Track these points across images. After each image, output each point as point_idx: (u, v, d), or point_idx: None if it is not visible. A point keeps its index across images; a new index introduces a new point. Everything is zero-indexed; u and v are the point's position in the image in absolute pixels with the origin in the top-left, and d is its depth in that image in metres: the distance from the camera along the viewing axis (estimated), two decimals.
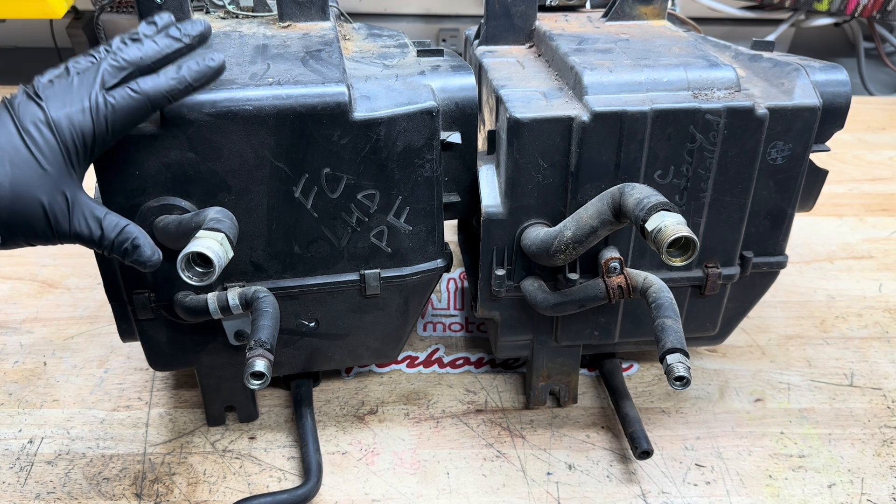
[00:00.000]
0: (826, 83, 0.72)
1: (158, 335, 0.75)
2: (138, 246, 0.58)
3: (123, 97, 0.57)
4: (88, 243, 0.58)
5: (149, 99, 0.58)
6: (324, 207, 0.69)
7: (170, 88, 0.58)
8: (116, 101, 0.57)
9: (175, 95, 0.59)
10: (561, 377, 0.86)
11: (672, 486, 0.79)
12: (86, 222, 0.57)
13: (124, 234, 0.58)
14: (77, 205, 0.57)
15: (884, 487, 0.79)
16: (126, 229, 0.58)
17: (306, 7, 0.80)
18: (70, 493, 0.78)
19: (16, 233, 0.55)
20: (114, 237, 0.58)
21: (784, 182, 0.74)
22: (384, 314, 0.78)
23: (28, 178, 0.54)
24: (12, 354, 0.96)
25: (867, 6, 1.71)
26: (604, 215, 0.65)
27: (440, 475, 0.81)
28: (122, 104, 0.57)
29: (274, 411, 0.88)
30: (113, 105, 0.56)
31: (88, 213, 0.57)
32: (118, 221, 0.58)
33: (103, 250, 0.59)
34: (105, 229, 0.57)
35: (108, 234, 0.58)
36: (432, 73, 0.72)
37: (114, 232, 0.58)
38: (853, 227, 1.25)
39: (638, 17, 0.86)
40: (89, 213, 0.57)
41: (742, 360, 0.96)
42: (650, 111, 0.67)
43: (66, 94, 0.56)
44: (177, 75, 0.59)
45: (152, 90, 0.58)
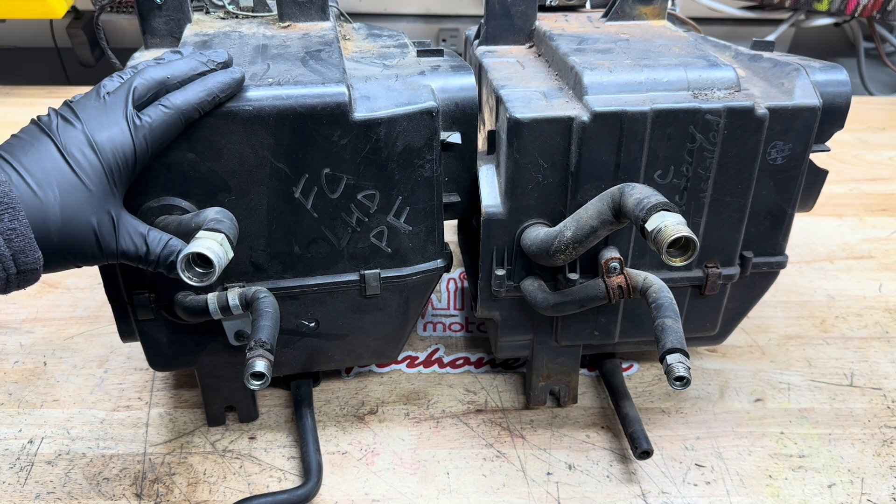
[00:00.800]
0: (826, 83, 0.72)
1: (158, 335, 0.75)
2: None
3: (158, 115, 0.58)
4: (135, 260, 0.59)
5: (181, 113, 0.59)
6: (324, 208, 0.69)
7: (199, 101, 0.60)
8: (152, 119, 0.58)
9: (205, 108, 0.60)
10: (561, 377, 0.86)
11: (672, 486, 0.79)
12: (132, 240, 0.58)
13: (168, 247, 0.59)
14: (122, 223, 0.58)
15: (884, 487, 0.80)
16: (170, 243, 0.59)
17: (306, 7, 0.80)
18: (70, 493, 0.78)
19: (65, 256, 0.56)
20: (159, 252, 0.59)
21: (784, 182, 0.74)
22: (384, 314, 0.78)
23: (77, 200, 0.55)
24: (12, 354, 0.96)
25: (867, 6, 1.71)
26: (604, 215, 0.65)
27: (440, 475, 0.81)
28: (157, 122, 0.58)
29: (274, 411, 0.88)
30: (150, 123, 0.58)
31: (133, 230, 0.58)
32: (161, 236, 0.59)
33: (149, 266, 0.59)
34: (150, 245, 0.59)
35: (154, 249, 0.59)
36: (432, 73, 0.72)
37: (159, 247, 0.59)
38: (853, 227, 1.25)
39: (638, 17, 0.86)
40: (133, 230, 0.58)
41: (742, 360, 0.97)
42: (650, 111, 0.67)
43: (101, 116, 0.57)
44: (204, 87, 0.60)
45: (183, 104, 0.59)
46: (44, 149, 0.55)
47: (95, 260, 0.58)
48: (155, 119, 0.58)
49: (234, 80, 0.62)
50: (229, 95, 0.62)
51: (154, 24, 0.76)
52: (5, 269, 0.53)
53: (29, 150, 0.55)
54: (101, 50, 1.77)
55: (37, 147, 0.55)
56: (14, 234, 0.52)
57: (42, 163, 0.55)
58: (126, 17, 1.77)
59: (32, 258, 0.54)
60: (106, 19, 1.79)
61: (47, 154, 0.55)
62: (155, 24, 0.76)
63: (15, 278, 0.54)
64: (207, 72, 0.62)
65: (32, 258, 0.54)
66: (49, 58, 1.84)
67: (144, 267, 0.60)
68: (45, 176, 0.54)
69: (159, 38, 0.77)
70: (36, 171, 0.54)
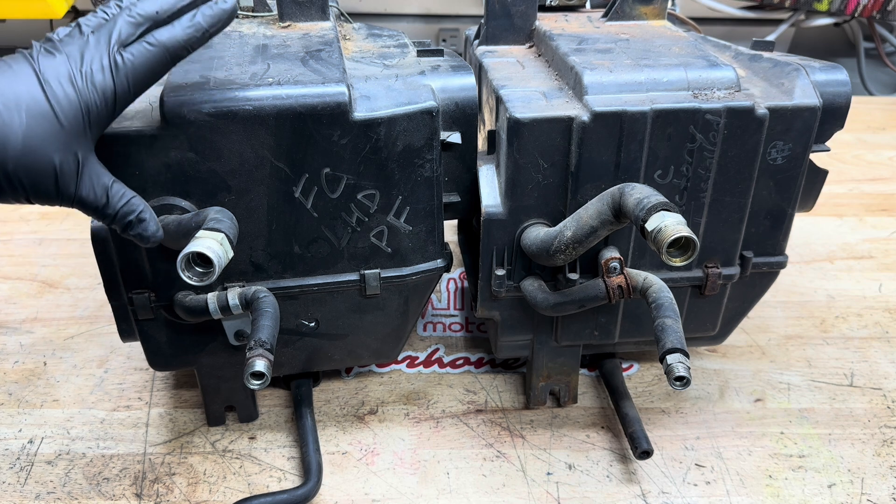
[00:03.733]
0: (826, 83, 0.72)
1: (158, 335, 0.75)
2: (143, 220, 0.57)
3: (142, 52, 0.55)
4: (91, 211, 0.56)
5: (167, 51, 0.56)
6: (324, 207, 0.69)
7: (187, 38, 0.56)
8: (135, 57, 0.55)
9: (193, 44, 0.57)
10: (561, 377, 0.86)
11: (672, 486, 0.79)
12: (93, 188, 0.55)
13: (130, 205, 0.56)
14: (87, 168, 0.54)
15: (884, 487, 0.79)
16: (132, 201, 0.56)
17: (306, 7, 0.80)
18: (70, 493, 0.78)
19: (18, 189, 0.52)
20: (118, 207, 0.56)
21: (784, 182, 0.74)
22: (384, 314, 0.78)
23: (44, 132, 0.51)
24: (12, 354, 0.96)
25: (867, 6, 1.71)
26: (604, 215, 0.65)
27: (440, 475, 0.81)
28: (141, 60, 0.55)
29: (274, 411, 0.88)
30: (132, 62, 0.54)
31: (97, 179, 0.55)
32: (125, 192, 0.56)
33: (105, 220, 0.57)
34: (111, 198, 0.55)
35: (114, 203, 0.56)
36: (432, 73, 0.72)
37: (119, 202, 0.56)
38: (853, 227, 1.25)
39: (638, 17, 0.86)
40: (98, 179, 0.55)
41: (742, 360, 0.96)
42: (650, 111, 0.67)
43: (84, 52, 0.54)
44: (192, 23, 0.57)
45: (169, 41, 0.56)
46: (22, 72, 0.52)
47: (50, 200, 0.54)
48: (138, 57, 0.55)
49: (223, 11, 0.58)
50: (220, 28, 0.58)
51: None
52: None
53: (6, 72, 0.52)
54: None
55: (15, 70, 0.52)
56: None
57: (16, 86, 0.51)
58: None
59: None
60: None
61: (24, 78, 0.52)
62: None
63: None
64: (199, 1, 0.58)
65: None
66: None
67: (101, 220, 0.57)
68: (15, 98, 0.51)
69: None
70: (7, 91, 0.51)
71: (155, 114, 0.64)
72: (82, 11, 1.76)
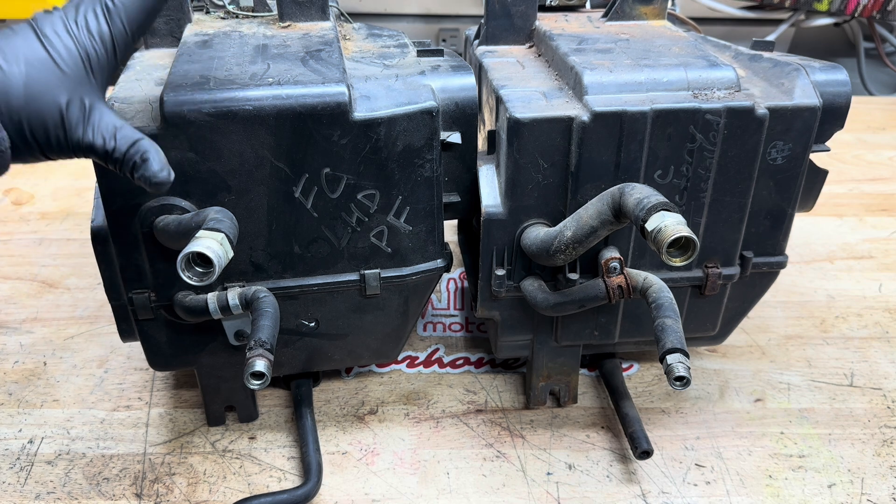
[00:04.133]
0: (826, 83, 0.72)
1: (158, 335, 0.75)
2: (147, 160, 0.55)
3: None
4: (101, 156, 0.55)
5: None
6: (324, 207, 0.69)
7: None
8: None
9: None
10: (561, 377, 0.86)
11: (672, 486, 0.79)
12: (101, 132, 0.54)
13: (136, 146, 0.55)
14: (95, 112, 0.54)
15: (884, 487, 0.79)
16: (140, 143, 0.55)
17: (306, 7, 0.80)
18: (70, 493, 0.78)
19: (28, 140, 0.52)
20: (125, 149, 0.55)
21: (784, 182, 0.74)
22: (384, 314, 0.78)
23: (45, 78, 0.52)
24: (12, 354, 0.96)
25: (867, 6, 1.72)
26: (604, 215, 0.65)
27: (440, 475, 0.81)
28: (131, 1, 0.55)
29: (274, 411, 0.88)
30: (123, 3, 0.55)
31: (107, 122, 0.54)
32: (133, 134, 0.56)
33: (114, 164, 0.56)
34: (118, 141, 0.55)
35: (121, 145, 0.54)
36: (432, 73, 0.72)
37: (126, 144, 0.55)
38: (853, 227, 1.25)
39: (638, 17, 0.86)
40: (107, 123, 0.54)
41: (742, 360, 0.96)
42: (650, 111, 0.67)
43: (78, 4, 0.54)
44: None
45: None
46: (21, 31, 0.53)
47: (60, 149, 0.54)
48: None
49: None
50: None
51: (154, 24, 0.76)
52: None
53: (6, 33, 0.53)
54: None
55: (15, 30, 0.53)
56: None
57: (13, 41, 0.52)
58: None
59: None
60: None
61: (22, 35, 0.53)
62: (155, 24, 0.76)
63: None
64: None
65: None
66: None
67: (109, 165, 0.56)
68: (12, 51, 0.51)
69: (159, 37, 0.77)
70: (5, 47, 0.51)
71: (155, 114, 0.64)
72: None
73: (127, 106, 0.65)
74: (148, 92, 0.67)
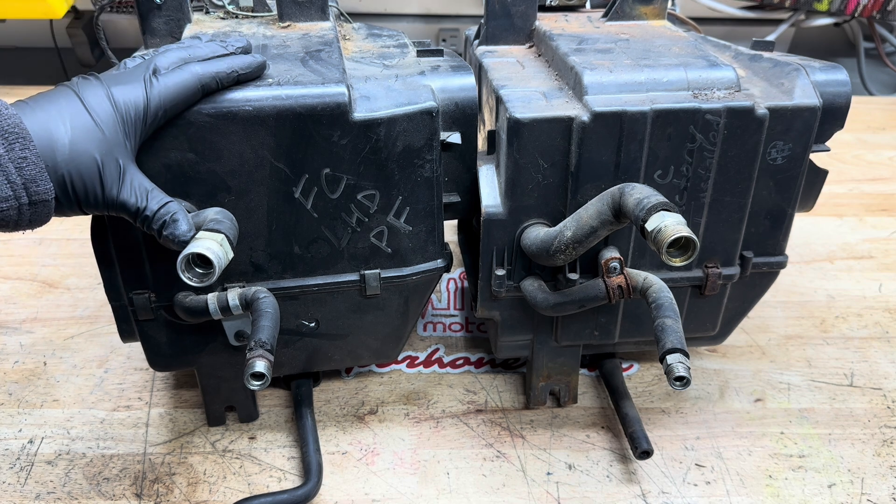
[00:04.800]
0: (826, 83, 0.72)
1: (158, 335, 0.75)
2: (177, 220, 0.60)
3: (173, 75, 0.60)
4: (132, 214, 0.60)
5: (198, 78, 0.61)
6: (324, 208, 0.69)
7: (217, 71, 0.62)
8: (168, 79, 0.60)
9: (223, 80, 0.62)
10: (561, 377, 0.86)
11: (672, 486, 0.79)
12: (134, 192, 0.59)
13: (166, 208, 0.60)
14: (128, 173, 0.59)
15: (884, 487, 0.80)
16: (168, 205, 0.60)
17: (306, 7, 0.80)
18: (70, 493, 0.78)
19: (69, 194, 0.57)
20: (156, 209, 0.60)
21: (784, 182, 0.74)
22: (384, 314, 0.78)
23: (87, 137, 0.56)
24: (12, 354, 0.96)
25: (867, 6, 1.71)
26: (604, 215, 0.65)
27: (440, 475, 0.81)
28: (172, 82, 0.60)
29: (274, 411, 0.88)
30: (165, 83, 0.60)
31: (138, 183, 0.60)
32: (163, 197, 0.61)
33: (143, 222, 0.60)
34: (150, 201, 0.60)
35: (152, 205, 0.60)
36: (432, 73, 0.72)
37: (157, 204, 0.60)
38: (853, 227, 1.25)
39: (638, 17, 0.86)
40: (139, 183, 0.60)
41: (742, 360, 0.97)
42: (650, 111, 0.67)
43: (121, 77, 0.60)
44: (225, 62, 0.63)
45: (201, 70, 0.61)
46: (63, 95, 0.58)
47: (97, 204, 0.58)
48: (170, 78, 0.60)
49: (256, 62, 0.65)
50: (250, 76, 0.64)
51: (154, 24, 0.76)
52: (17, 198, 0.53)
53: (47, 96, 0.58)
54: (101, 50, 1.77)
55: (56, 93, 0.58)
56: (25, 162, 0.53)
57: (58, 103, 0.57)
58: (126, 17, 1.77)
59: (44, 188, 0.54)
60: (106, 19, 1.79)
61: (65, 98, 0.57)
62: (155, 24, 0.76)
63: (27, 210, 0.54)
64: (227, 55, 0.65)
65: (44, 188, 0.54)
66: (49, 58, 1.84)
67: (138, 224, 0.60)
68: (58, 112, 0.56)
69: (159, 38, 0.77)
70: (50, 108, 0.56)
71: None
72: (82, 11, 1.76)
73: None
74: None
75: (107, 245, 0.68)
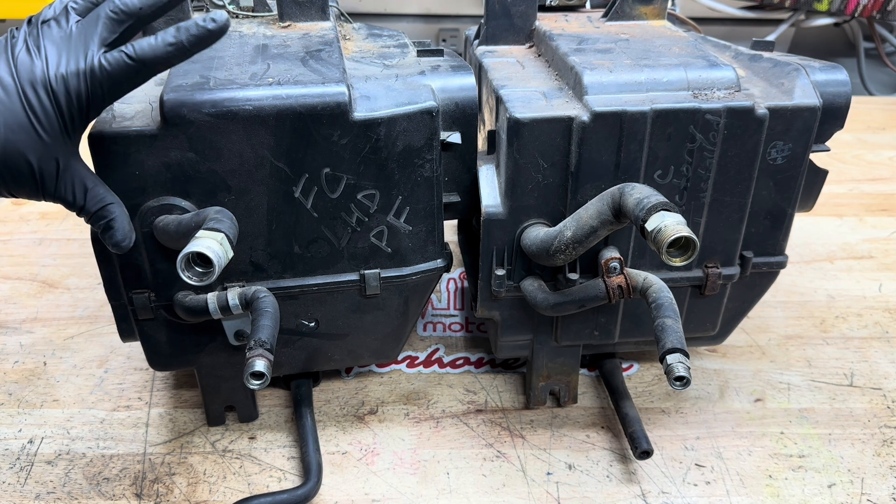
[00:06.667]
0: (826, 83, 0.72)
1: (158, 335, 0.75)
2: (111, 227, 0.59)
3: (119, 64, 0.55)
4: (70, 208, 0.58)
5: (144, 65, 0.56)
6: (324, 207, 0.69)
7: (166, 54, 0.56)
8: (112, 66, 0.55)
9: (172, 60, 0.57)
10: (561, 377, 0.86)
11: (672, 486, 0.79)
12: (72, 189, 0.57)
13: (105, 211, 0.59)
14: (68, 171, 0.57)
15: (884, 487, 0.80)
16: (108, 207, 0.59)
17: (306, 7, 0.80)
18: (70, 493, 0.78)
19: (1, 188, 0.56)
20: (93, 210, 0.58)
21: (784, 182, 0.74)
22: (384, 314, 0.78)
23: (21, 140, 0.54)
24: (12, 354, 0.96)
25: (867, 6, 1.72)
26: (604, 215, 0.65)
27: (440, 475, 0.81)
28: (117, 71, 0.55)
29: (274, 411, 0.88)
30: (108, 71, 0.55)
31: (78, 180, 0.57)
32: (104, 196, 0.59)
33: (84, 218, 0.59)
34: (88, 200, 0.58)
35: (90, 206, 0.58)
36: (432, 73, 0.72)
37: (95, 206, 0.58)
38: (853, 227, 1.25)
39: (638, 17, 0.86)
40: (79, 180, 0.58)
41: (742, 360, 0.97)
42: (650, 111, 0.67)
43: (64, 48, 0.55)
44: (175, 39, 0.56)
45: (150, 56, 0.56)
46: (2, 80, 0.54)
47: (35, 197, 0.57)
48: (115, 68, 0.55)
49: (207, 31, 0.56)
50: (203, 47, 0.57)
51: (154, 24, 0.76)
52: None
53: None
54: None
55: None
56: None
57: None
58: None
59: None
60: None
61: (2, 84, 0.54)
62: (155, 24, 0.76)
63: None
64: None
65: None
66: None
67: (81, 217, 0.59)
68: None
69: None
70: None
71: (155, 114, 0.64)
72: None
73: (126, 106, 0.65)
74: (148, 92, 0.67)
75: None
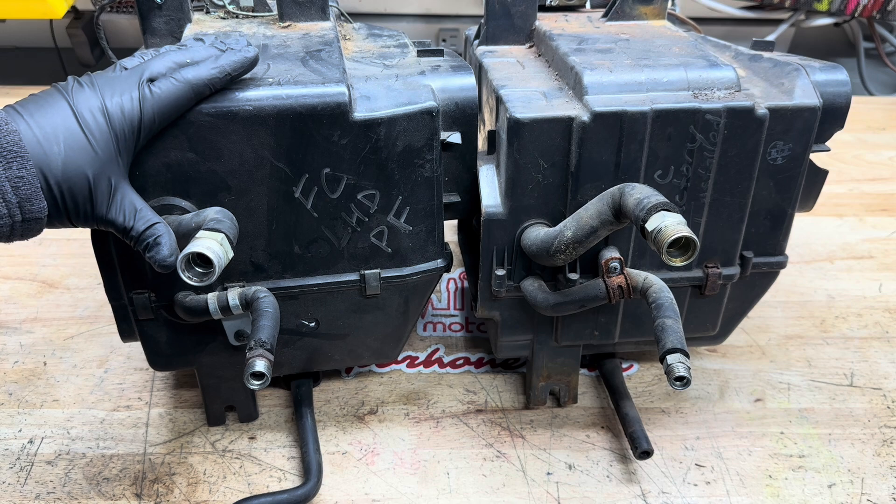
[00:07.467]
0: (826, 83, 0.72)
1: (158, 335, 0.75)
2: (159, 244, 0.60)
3: (168, 87, 0.60)
4: (119, 231, 0.60)
5: (191, 87, 0.61)
6: (324, 207, 0.69)
7: (210, 77, 0.62)
8: (161, 90, 0.60)
9: (216, 84, 0.62)
10: (561, 377, 0.86)
11: (672, 486, 0.79)
12: (123, 211, 0.60)
13: (153, 230, 0.60)
14: (119, 192, 0.59)
15: (884, 487, 0.80)
16: (155, 226, 0.60)
17: (306, 7, 0.80)
18: (70, 493, 0.78)
19: (60, 210, 0.57)
20: (142, 230, 0.60)
21: (784, 182, 0.74)
22: (384, 314, 0.78)
23: (80, 158, 0.57)
24: (12, 354, 0.96)
25: (867, 6, 1.71)
26: (604, 215, 0.65)
27: (440, 475, 0.81)
28: (166, 93, 0.60)
29: (274, 411, 0.88)
30: (158, 95, 0.60)
31: (128, 202, 0.60)
32: (151, 217, 0.61)
33: (130, 241, 0.61)
34: (137, 221, 0.60)
35: (138, 226, 0.60)
36: (432, 73, 0.72)
37: (143, 225, 0.60)
38: (853, 227, 1.25)
39: (638, 17, 0.86)
40: (129, 202, 0.60)
41: (742, 360, 0.97)
42: (650, 111, 0.67)
43: (116, 85, 0.59)
44: (216, 65, 0.62)
45: (194, 78, 0.61)
46: (57, 106, 0.57)
47: (87, 221, 0.59)
48: (164, 91, 0.60)
49: (246, 58, 0.64)
50: (241, 73, 0.64)
51: (154, 24, 0.76)
52: (11, 216, 0.54)
53: (42, 106, 0.57)
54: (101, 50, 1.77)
55: (50, 104, 0.57)
56: (21, 182, 0.54)
57: (52, 118, 0.57)
58: (126, 17, 1.77)
59: (38, 207, 0.55)
60: (106, 19, 1.79)
61: (59, 111, 0.57)
62: (155, 23, 0.76)
63: (20, 226, 0.56)
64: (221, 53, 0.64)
65: (38, 207, 0.55)
66: (49, 58, 1.84)
67: (126, 241, 0.61)
68: (53, 130, 0.56)
69: (159, 37, 0.77)
70: (45, 125, 0.56)
71: None
72: (82, 11, 1.76)
73: None
74: None
75: (107, 245, 0.68)
